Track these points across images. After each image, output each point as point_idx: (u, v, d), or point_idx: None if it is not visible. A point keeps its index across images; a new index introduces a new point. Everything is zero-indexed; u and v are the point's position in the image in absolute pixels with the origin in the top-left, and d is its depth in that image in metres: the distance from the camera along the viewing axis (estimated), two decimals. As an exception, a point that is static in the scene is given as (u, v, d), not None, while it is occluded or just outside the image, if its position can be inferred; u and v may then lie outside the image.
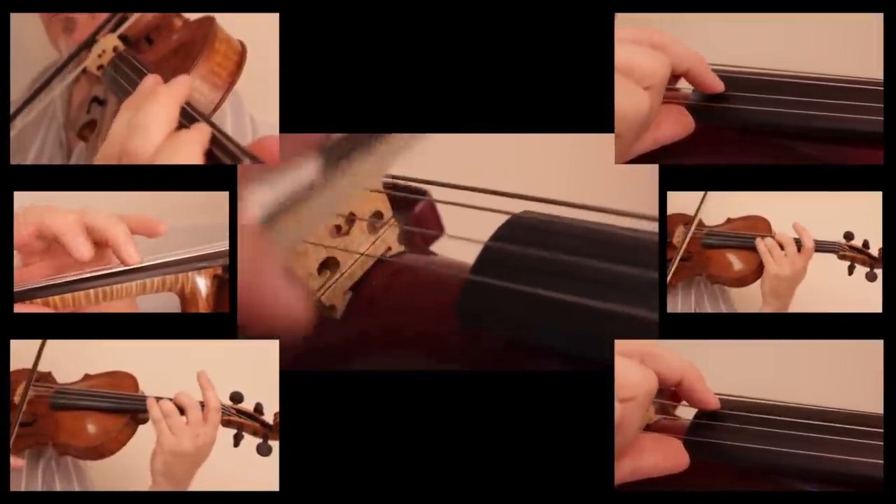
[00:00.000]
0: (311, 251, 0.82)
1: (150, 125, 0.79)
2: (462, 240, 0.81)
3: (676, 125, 0.87)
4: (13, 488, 0.86)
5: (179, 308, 0.83)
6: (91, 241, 0.80)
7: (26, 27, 1.03)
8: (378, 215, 0.87)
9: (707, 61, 0.87)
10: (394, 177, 0.90)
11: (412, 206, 0.93)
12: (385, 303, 0.83)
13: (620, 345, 0.74)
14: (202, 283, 0.82)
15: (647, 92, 0.82)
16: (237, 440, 0.89)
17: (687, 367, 0.83)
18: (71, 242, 0.79)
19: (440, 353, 0.80)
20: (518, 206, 0.81)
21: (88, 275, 0.79)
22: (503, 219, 0.81)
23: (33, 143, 1.01)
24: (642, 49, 0.83)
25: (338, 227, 0.85)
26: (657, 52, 0.83)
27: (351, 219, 0.85)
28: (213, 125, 0.80)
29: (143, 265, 0.80)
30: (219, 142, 0.79)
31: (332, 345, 0.84)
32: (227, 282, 0.83)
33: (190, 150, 0.78)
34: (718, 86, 0.88)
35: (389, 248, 0.87)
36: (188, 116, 0.81)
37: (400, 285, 0.84)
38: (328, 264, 0.84)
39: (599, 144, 0.88)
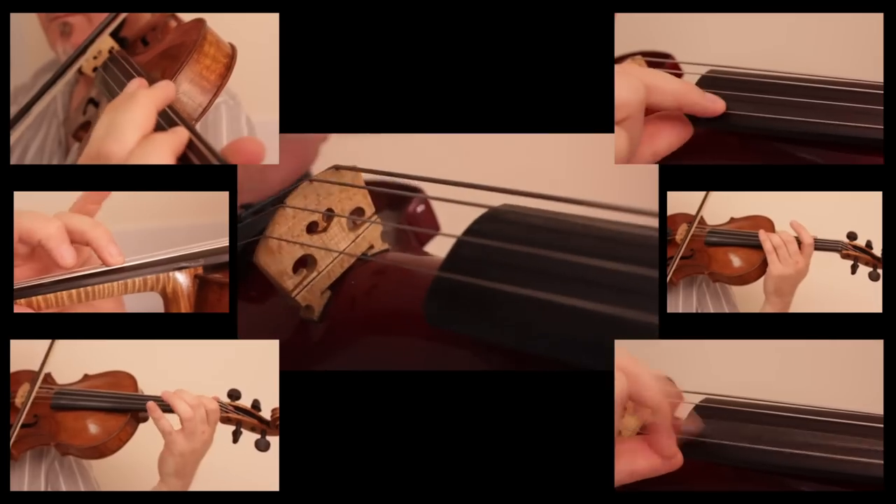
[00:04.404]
0: (285, 248, 0.79)
1: (125, 128, 0.79)
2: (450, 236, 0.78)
3: (673, 134, 0.87)
4: (14, 489, 0.87)
5: (162, 307, 0.83)
6: (74, 246, 0.80)
7: (25, 27, 1.04)
8: (359, 212, 0.84)
9: (705, 61, 0.87)
10: (385, 173, 0.86)
11: (407, 205, 0.91)
12: (366, 304, 0.80)
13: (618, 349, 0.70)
14: (184, 283, 0.82)
15: (624, 124, 0.82)
16: (236, 436, 0.89)
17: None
18: (55, 250, 0.80)
19: (416, 357, 0.76)
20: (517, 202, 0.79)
21: (71, 275, 0.80)
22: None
23: (34, 141, 1.01)
24: (616, 81, 0.83)
25: (314, 224, 0.81)
26: (629, 79, 0.82)
27: (328, 215, 0.82)
28: (190, 129, 0.80)
29: (125, 265, 0.81)
30: (193, 145, 0.79)
31: (309, 348, 0.82)
32: (207, 281, 0.83)
33: (161, 152, 0.78)
34: (718, 107, 0.86)
35: (372, 246, 0.84)
36: (169, 120, 0.81)
37: (382, 285, 0.81)
38: (305, 262, 0.81)
39: (599, 144, 0.88)
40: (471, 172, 0.83)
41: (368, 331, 0.80)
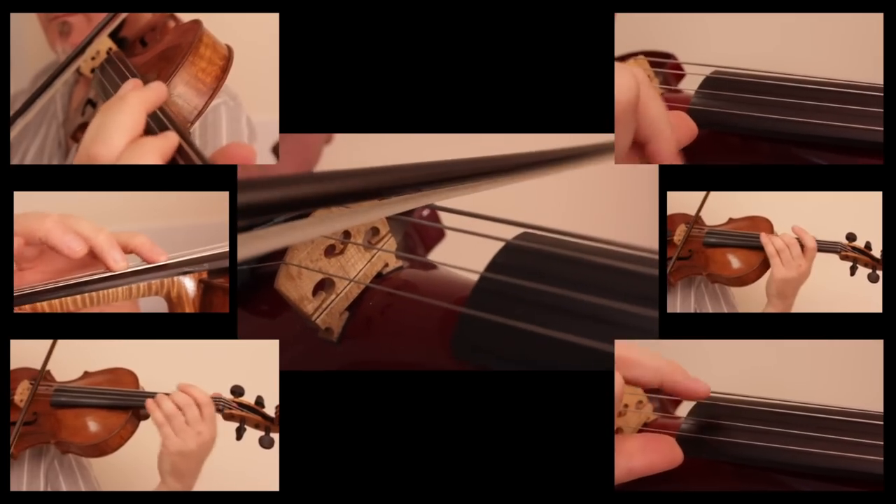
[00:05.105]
0: (304, 274, 0.79)
1: (113, 131, 0.79)
2: (460, 269, 0.80)
3: (678, 132, 0.87)
4: (13, 489, 0.86)
5: (167, 311, 0.83)
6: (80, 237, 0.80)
7: (25, 29, 1.04)
8: (374, 231, 0.84)
9: (704, 61, 0.87)
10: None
11: (412, 211, 0.91)
12: (382, 324, 0.81)
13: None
14: (189, 287, 0.82)
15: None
16: (239, 433, 0.89)
17: (663, 367, 0.79)
18: (60, 241, 0.80)
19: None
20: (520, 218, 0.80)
21: (72, 282, 0.79)
22: (502, 227, 0.79)
23: (33, 142, 1.01)
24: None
25: (332, 247, 0.81)
26: (622, 79, 0.80)
27: (345, 238, 0.82)
28: (181, 134, 0.80)
29: (128, 270, 0.81)
30: (183, 151, 0.79)
31: (329, 370, 0.82)
32: (212, 286, 0.83)
33: (150, 156, 0.77)
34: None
35: (387, 265, 0.84)
36: (160, 124, 0.81)
37: (397, 305, 0.81)
38: (323, 285, 0.81)
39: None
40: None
41: (383, 353, 0.81)
